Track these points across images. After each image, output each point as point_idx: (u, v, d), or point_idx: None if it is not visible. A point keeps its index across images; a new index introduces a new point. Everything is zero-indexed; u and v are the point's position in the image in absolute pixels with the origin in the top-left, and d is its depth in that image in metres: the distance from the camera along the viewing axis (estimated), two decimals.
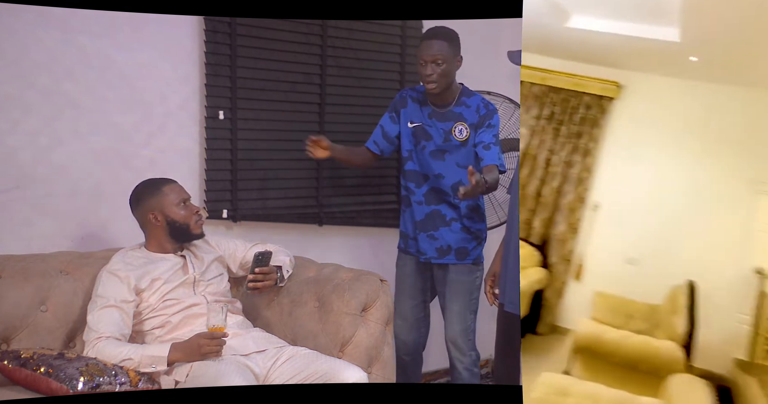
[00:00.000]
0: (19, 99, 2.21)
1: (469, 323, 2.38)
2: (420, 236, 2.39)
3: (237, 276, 2.23)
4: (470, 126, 2.28)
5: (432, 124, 2.33)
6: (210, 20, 2.51)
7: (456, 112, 2.31)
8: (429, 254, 2.39)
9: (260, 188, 2.68)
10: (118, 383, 1.75)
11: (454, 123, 2.30)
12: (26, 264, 2.01)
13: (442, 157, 2.33)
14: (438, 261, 2.38)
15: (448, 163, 2.33)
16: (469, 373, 2.38)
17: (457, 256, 2.36)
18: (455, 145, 2.31)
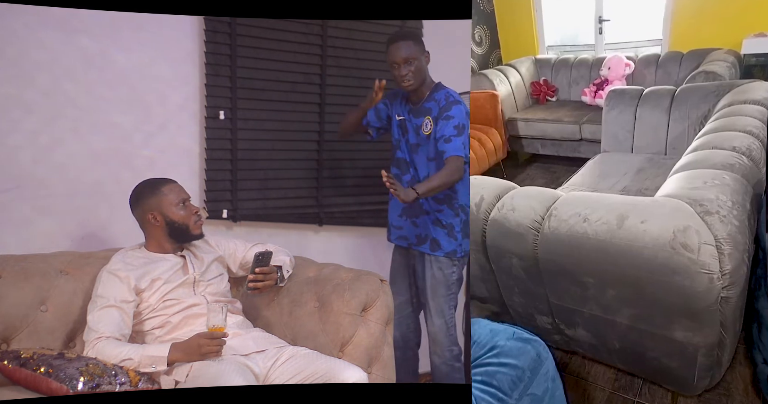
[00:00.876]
0: (19, 99, 2.21)
1: (447, 318, 2.39)
2: (405, 222, 2.44)
3: (237, 276, 2.23)
4: (433, 119, 2.33)
5: (410, 120, 2.40)
6: (210, 20, 2.51)
7: (426, 107, 2.36)
8: (411, 240, 2.44)
9: (260, 188, 2.68)
10: (118, 383, 1.75)
11: (423, 118, 2.36)
12: (26, 264, 2.00)
13: (417, 151, 2.39)
14: (417, 247, 2.43)
15: (420, 157, 2.38)
16: (449, 368, 2.40)
17: (431, 247, 2.39)
18: (423, 139, 2.36)
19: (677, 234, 1.45)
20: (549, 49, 5.01)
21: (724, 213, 1.52)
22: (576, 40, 4.98)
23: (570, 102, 4.67)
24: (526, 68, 4.74)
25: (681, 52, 4.25)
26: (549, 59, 4.87)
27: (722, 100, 3.07)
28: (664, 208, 1.56)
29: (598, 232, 1.57)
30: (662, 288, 1.52)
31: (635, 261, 1.52)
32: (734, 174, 1.82)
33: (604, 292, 1.68)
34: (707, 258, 1.44)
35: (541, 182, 3.93)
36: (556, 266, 1.72)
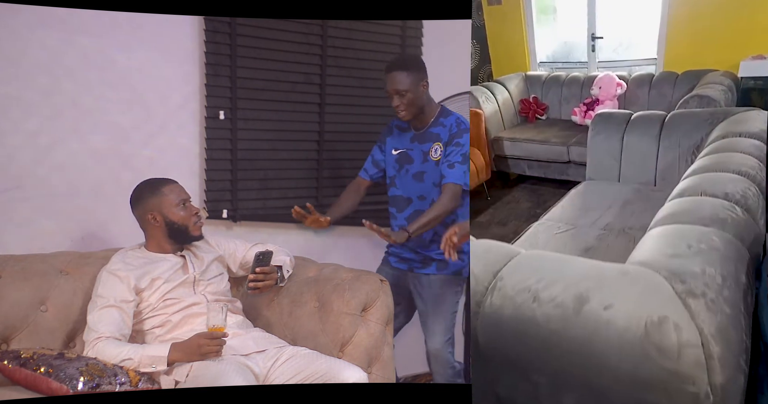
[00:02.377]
0: (19, 99, 2.21)
1: (450, 336, 2.38)
2: (403, 249, 2.40)
3: (237, 276, 2.23)
4: (444, 144, 2.31)
5: (413, 148, 2.37)
6: (210, 20, 2.51)
7: (434, 133, 2.33)
8: (413, 263, 2.40)
9: (260, 188, 2.68)
10: (118, 383, 1.75)
11: (431, 143, 2.33)
12: (26, 264, 2.01)
13: (422, 179, 2.35)
14: (421, 271, 2.39)
15: (427, 184, 2.35)
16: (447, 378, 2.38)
17: (437, 267, 2.36)
18: (432, 165, 2.33)
19: (650, 330, 1.10)
20: (541, 65, 4.83)
21: (713, 295, 1.17)
22: (569, 56, 4.80)
23: (560, 121, 4.46)
24: (515, 85, 4.55)
25: (676, 72, 4.01)
26: (540, 76, 4.68)
27: (716, 130, 2.87)
28: (635, 286, 1.21)
29: (550, 318, 1.20)
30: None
31: (596, 364, 1.17)
32: (725, 233, 1.48)
33: (559, 397, 1.31)
34: (690, 368, 1.09)
35: (526, 205, 3.79)
36: (500, 355, 1.35)
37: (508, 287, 1.29)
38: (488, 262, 1.38)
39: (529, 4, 4.55)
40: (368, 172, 2.50)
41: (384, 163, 2.47)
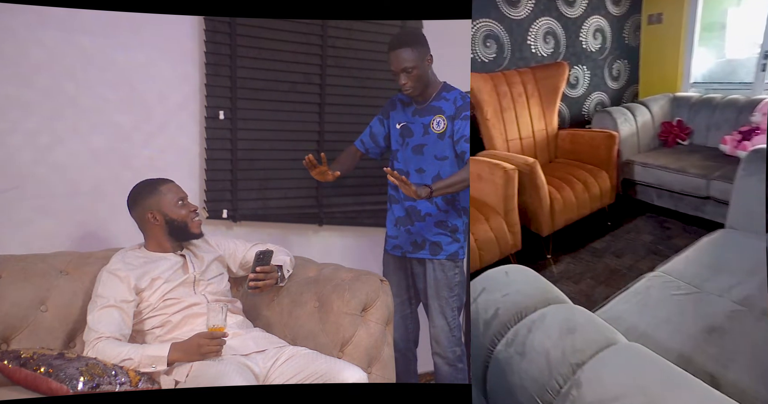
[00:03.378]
0: (19, 99, 2.21)
1: (449, 319, 2.39)
2: (399, 231, 2.44)
3: (237, 276, 2.23)
4: (448, 117, 2.32)
5: (414, 121, 2.39)
6: (210, 20, 2.51)
7: (435, 106, 2.35)
8: (405, 248, 2.43)
9: (260, 188, 2.68)
10: (118, 383, 1.75)
11: (432, 116, 2.35)
12: (26, 264, 2.01)
13: (421, 151, 2.37)
14: (412, 255, 2.42)
15: (427, 157, 2.36)
16: (452, 369, 2.40)
17: (431, 251, 2.38)
18: (433, 138, 2.35)
19: None
20: (693, 86, 4.28)
21: None
22: (730, 77, 4.16)
23: (704, 148, 3.85)
24: (659, 106, 4.07)
25: None
26: (689, 97, 4.10)
27: None
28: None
29: None
30: None
31: None
32: None
33: None
34: None
35: (648, 239, 3.30)
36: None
37: (586, 395, 0.92)
38: (574, 343, 1.08)
39: (693, 21, 4.11)
40: (364, 144, 2.52)
41: (381, 136, 2.48)
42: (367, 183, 2.84)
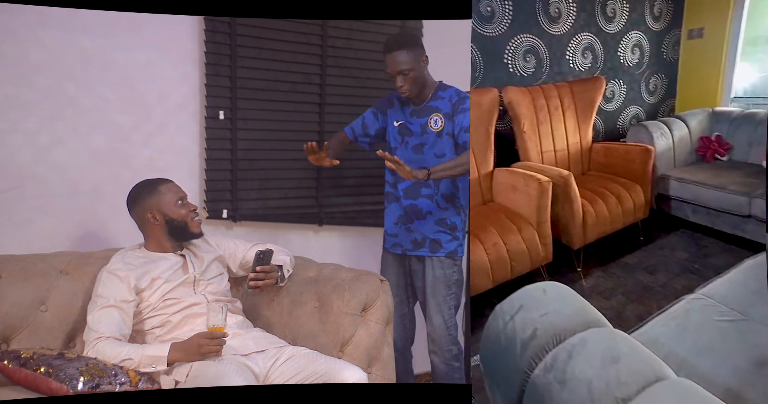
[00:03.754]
0: (19, 99, 2.21)
1: (446, 318, 2.40)
2: (399, 229, 2.45)
3: (237, 276, 2.23)
4: (445, 115, 2.34)
5: (413, 122, 2.40)
6: (210, 20, 2.51)
7: (431, 106, 2.37)
8: (405, 246, 2.44)
9: (260, 188, 2.68)
10: (118, 383, 1.75)
11: (430, 115, 2.36)
12: (26, 264, 2.00)
13: (421, 151, 2.38)
14: (412, 253, 2.43)
15: (427, 155, 2.37)
16: (448, 368, 2.40)
17: (430, 248, 2.39)
18: (432, 137, 2.36)
19: None
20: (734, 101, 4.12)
21: None
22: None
23: (745, 165, 3.68)
24: (697, 121, 3.91)
25: None
26: (729, 112, 3.94)
27: None
28: None
29: None
30: None
31: None
32: None
33: None
34: None
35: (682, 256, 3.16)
36: None
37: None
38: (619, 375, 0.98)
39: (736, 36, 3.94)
40: (354, 132, 2.54)
41: (372, 128, 2.50)
42: (367, 183, 2.84)
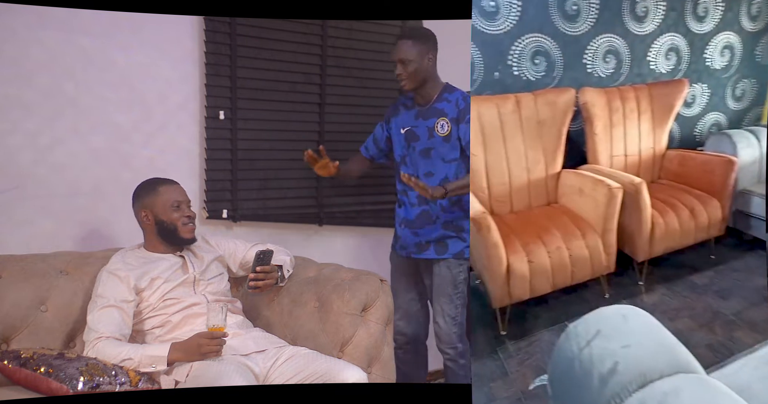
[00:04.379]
0: (19, 99, 2.21)
1: (453, 315, 2.40)
2: (404, 232, 2.45)
3: (237, 276, 2.23)
4: (451, 120, 2.33)
5: (418, 125, 2.39)
6: (210, 20, 2.51)
7: (438, 108, 2.36)
8: (410, 249, 2.44)
9: (260, 188, 2.68)
10: (118, 383, 1.75)
11: (436, 119, 2.35)
12: (26, 264, 2.01)
13: (429, 155, 2.37)
14: (417, 255, 2.42)
15: (434, 160, 2.37)
16: (455, 365, 2.41)
17: (436, 251, 2.39)
18: (439, 141, 2.35)
19: None
20: None
21: None
22: None
23: None
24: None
25: None
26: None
27: None
28: None
29: None
30: None
31: None
32: None
33: None
34: None
35: (760, 283, 2.77)
36: None
37: None
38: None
39: None
40: (368, 151, 2.55)
41: (381, 140, 2.50)
42: (367, 183, 2.84)
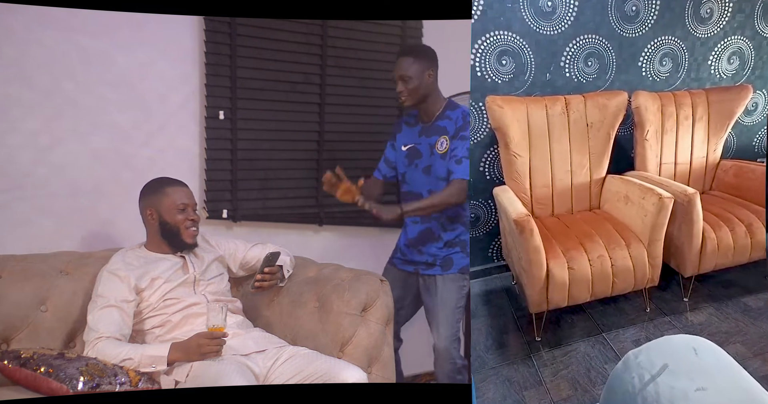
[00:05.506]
0: (19, 99, 2.21)
1: (455, 330, 2.39)
2: (410, 250, 2.43)
3: (237, 276, 2.23)
4: (450, 138, 2.31)
5: (421, 142, 2.38)
6: (210, 20, 2.51)
7: (440, 126, 2.34)
8: (418, 266, 2.42)
9: (260, 188, 2.68)
10: (118, 383, 1.75)
11: (438, 137, 2.34)
12: (26, 264, 2.01)
13: (429, 172, 2.36)
14: (426, 272, 2.41)
15: (432, 177, 2.35)
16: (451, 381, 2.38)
17: (443, 267, 2.38)
18: (437, 158, 2.34)
19: None
20: None
21: None
22: None
23: None
24: None
25: None
26: None
27: None
28: None
29: None
30: None
31: None
32: None
33: None
34: None
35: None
36: None
37: None
38: None
39: None
40: (381, 172, 2.52)
41: (395, 161, 2.47)
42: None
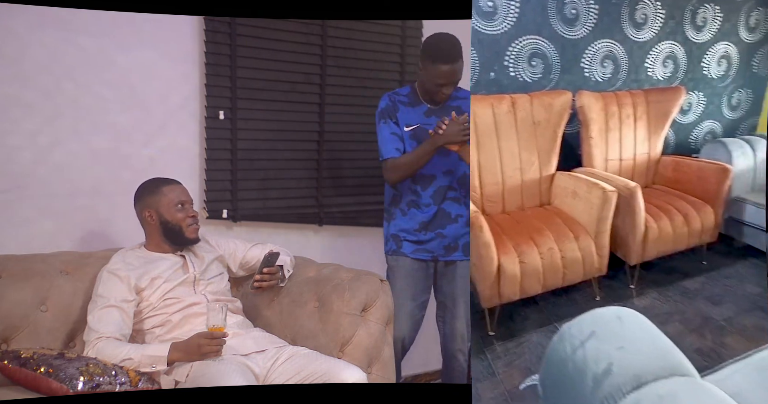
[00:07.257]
0: (19, 99, 2.21)
1: (468, 316, 2.39)
2: (428, 235, 2.39)
3: (237, 276, 2.23)
4: None
5: (430, 123, 2.31)
6: (210, 20, 2.51)
7: (453, 106, 2.32)
8: (437, 252, 2.39)
9: (260, 188, 2.68)
10: (118, 383, 1.75)
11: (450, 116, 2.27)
12: (26, 264, 2.01)
13: (448, 153, 2.29)
14: (444, 258, 2.39)
15: (453, 157, 2.31)
16: (464, 362, 2.40)
17: (463, 251, 2.37)
18: None
19: None
20: None
21: None
22: None
23: None
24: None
25: None
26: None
27: None
28: None
29: None
30: None
31: None
32: None
33: None
34: None
35: (753, 290, 2.82)
36: None
37: None
38: None
39: None
40: (399, 150, 2.36)
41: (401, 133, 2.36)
42: (367, 183, 2.84)
